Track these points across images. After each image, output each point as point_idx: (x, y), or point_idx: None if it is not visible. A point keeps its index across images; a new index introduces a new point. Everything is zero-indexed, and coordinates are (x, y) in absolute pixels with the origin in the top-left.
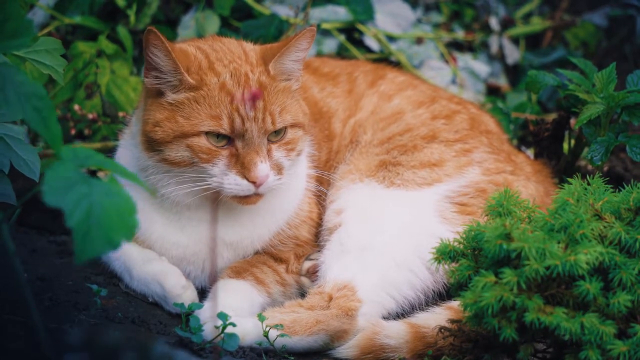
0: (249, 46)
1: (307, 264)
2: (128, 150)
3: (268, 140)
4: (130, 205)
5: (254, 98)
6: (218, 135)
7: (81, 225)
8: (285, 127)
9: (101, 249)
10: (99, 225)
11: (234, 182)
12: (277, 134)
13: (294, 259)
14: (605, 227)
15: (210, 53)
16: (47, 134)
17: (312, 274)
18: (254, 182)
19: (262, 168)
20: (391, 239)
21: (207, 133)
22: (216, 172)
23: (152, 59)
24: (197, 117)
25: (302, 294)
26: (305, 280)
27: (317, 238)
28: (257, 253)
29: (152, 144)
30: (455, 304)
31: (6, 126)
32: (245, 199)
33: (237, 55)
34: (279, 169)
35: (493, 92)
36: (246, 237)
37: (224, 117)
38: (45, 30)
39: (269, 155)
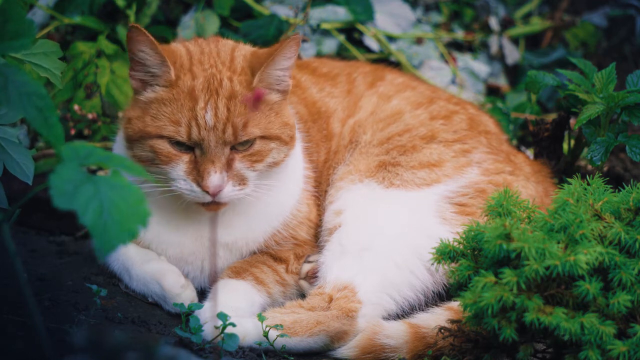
0: (241, 51)
1: (305, 267)
2: (119, 146)
3: (234, 149)
4: (139, 195)
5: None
6: (177, 141)
7: (96, 222)
8: (254, 138)
9: (121, 240)
10: (114, 220)
11: (190, 189)
12: (242, 145)
13: (293, 259)
14: (605, 227)
15: (195, 54)
16: (48, 133)
17: (311, 277)
18: (207, 191)
19: (215, 178)
20: (391, 240)
21: (168, 137)
22: (175, 175)
23: (137, 55)
24: (161, 119)
25: (303, 294)
26: (304, 283)
27: (317, 239)
28: (255, 253)
29: (127, 141)
30: (455, 304)
31: (0, 128)
32: (208, 206)
33: (222, 59)
34: (241, 179)
35: (493, 92)
36: (240, 238)
37: (182, 124)
38: (45, 31)
39: (229, 165)
